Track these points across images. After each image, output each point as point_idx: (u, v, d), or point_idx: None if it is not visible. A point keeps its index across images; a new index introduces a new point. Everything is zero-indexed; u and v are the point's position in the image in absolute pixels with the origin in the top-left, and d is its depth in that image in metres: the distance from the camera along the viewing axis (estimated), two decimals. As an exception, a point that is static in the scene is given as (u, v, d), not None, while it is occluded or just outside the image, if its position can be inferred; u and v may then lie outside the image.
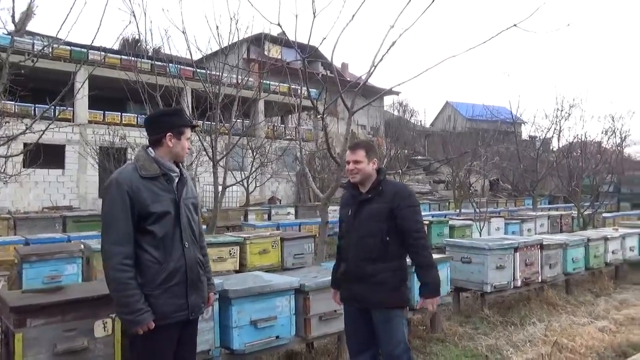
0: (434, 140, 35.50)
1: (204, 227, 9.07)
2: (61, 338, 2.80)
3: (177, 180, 2.62)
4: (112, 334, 2.98)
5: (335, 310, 4.04)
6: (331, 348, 4.41)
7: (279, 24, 5.27)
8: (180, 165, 2.72)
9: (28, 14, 18.67)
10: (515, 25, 5.06)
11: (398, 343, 2.90)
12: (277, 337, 3.74)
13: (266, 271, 5.89)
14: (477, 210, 10.94)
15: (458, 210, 15.50)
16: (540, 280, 6.27)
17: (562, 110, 17.67)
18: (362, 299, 2.96)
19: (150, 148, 2.62)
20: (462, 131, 30.56)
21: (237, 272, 6.58)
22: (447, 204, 19.08)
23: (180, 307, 2.50)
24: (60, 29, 5.40)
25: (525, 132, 27.58)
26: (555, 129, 18.06)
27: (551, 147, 21.61)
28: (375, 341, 3.01)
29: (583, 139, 16.66)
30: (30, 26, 21.04)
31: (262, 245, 6.99)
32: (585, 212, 12.72)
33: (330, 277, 4.08)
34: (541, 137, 20.24)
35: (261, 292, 3.64)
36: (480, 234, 9.64)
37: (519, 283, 5.93)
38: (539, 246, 6.26)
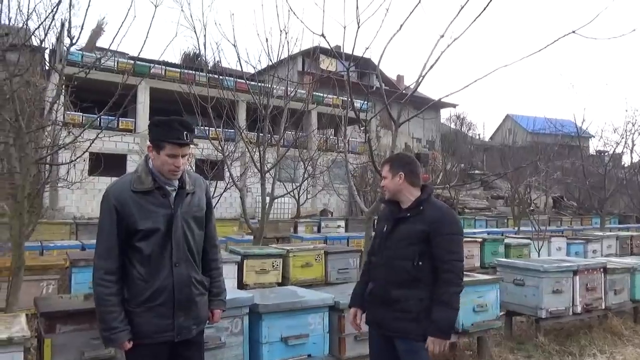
0: (493, 154, 34.27)
1: (251, 237, 9.13)
2: (89, 345, 2.82)
3: (174, 193, 2.47)
4: (139, 344, 2.96)
5: (371, 330, 3.86)
6: (368, 369, 4.20)
7: (322, 35, 5.20)
8: (186, 176, 2.51)
9: (97, 32, 19.90)
10: (574, 32, 4.70)
11: None
12: (309, 355, 3.60)
13: (309, 285, 5.79)
14: (537, 228, 10.32)
15: (516, 228, 14.75)
16: (603, 307, 5.74)
17: (634, 124, 16.52)
18: (384, 326, 2.74)
19: (149, 159, 2.48)
20: (523, 145, 29.32)
21: (279, 284, 6.51)
22: (506, 220, 18.22)
23: (164, 328, 2.38)
24: (112, 41, 5.61)
25: (593, 146, 26.06)
26: (626, 143, 16.88)
27: (622, 163, 20.23)
28: None
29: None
30: (101, 42, 22.40)
31: (305, 259, 6.88)
32: (660, 234, 11.69)
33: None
34: (610, 152, 18.98)
35: (292, 308, 3.52)
36: (538, 254, 9.06)
37: (579, 309, 5.46)
38: (602, 270, 5.75)
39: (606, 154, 20.21)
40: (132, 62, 18.21)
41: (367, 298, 2.88)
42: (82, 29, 5.13)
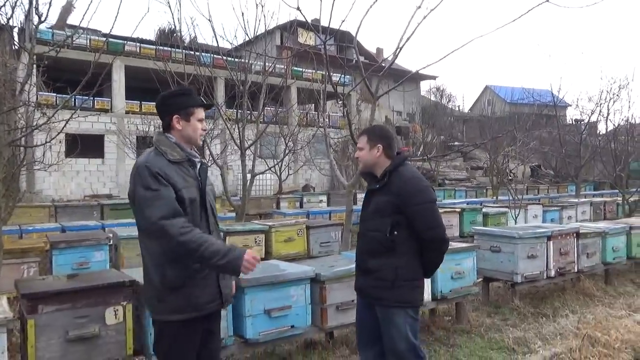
0: (473, 125, 34.60)
1: (233, 215, 9.16)
2: (73, 325, 2.84)
3: (199, 166, 2.51)
4: (123, 321, 3.01)
5: (352, 300, 3.95)
6: (351, 338, 4.33)
7: (298, 8, 5.15)
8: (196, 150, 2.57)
9: (67, 8, 19.26)
10: (547, 0, 4.77)
11: (400, 340, 2.71)
12: (292, 326, 3.68)
13: (292, 259, 5.87)
14: (514, 197, 10.56)
15: (495, 197, 15.05)
16: (576, 270, 5.96)
17: (609, 92, 16.75)
18: (366, 294, 2.84)
19: (166, 133, 2.46)
20: (501, 116, 29.63)
21: (263, 260, 6.58)
22: (485, 191, 18.56)
23: (214, 297, 2.41)
24: (83, 18, 5.46)
25: (569, 116, 26.48)
26: (600, 112, 17.17)
27: (598, 131, 20.62)
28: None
29: (630, 121, 15.75)
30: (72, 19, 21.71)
31: (287, 234, 6.97)
32: (632, 199, 12.07)
33: (350, 266, 4.06)
34: (585, 121, 19.31)
35: (274, 281, 3.59)
36: (515, 221, 9.30)
37: (552, 273, 5.65)
38: (575, 234, 5.94)
39: (582, 122, 20.56)
40: (105, 39, 17.74)
41: (355, 267, 2.98)
42: (50, 5, 4.98)
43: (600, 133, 19.48)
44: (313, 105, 25.13)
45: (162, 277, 2.30)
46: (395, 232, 2.69)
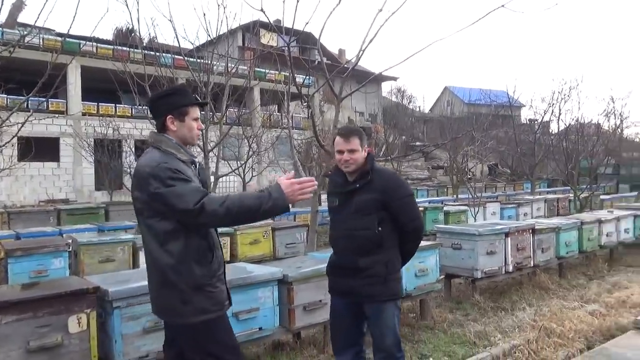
0: (433, 125, 35.37)
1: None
2: (34, 334, 2.76)
3: (198, 165, 2.47)
4: (87, 329, 2.94)
5: (320, 300, 4.01)
6: (318, 337, 4.38)
7: (261, 10, 5.16)
8: None
9: (18, 6, 18.48)
10: (503, 6, 4.96)
11: (389, 334, 2.79)
12: (260, 328, 3.70)
13: (257, 261, 5.86)
14: (473, 195, 10.89)
15: (455, 196, 15.47)
16: (532, 264, 6.23)
17: (560, 92, 17.46)
18: (356, 293, 2.82)
19: (165, 134, 2.36)
20: (460, 116, 30.43)
21: (228, 262, 6.53)
22: (445, 189, 19.03)
23: (226, 296, 2.41)
24: (38, 17, 5.30)
25: (524, 116, 27.48)
26: (552, 111, 17.90)
27: (550, 130, 21.48)
28: (360, 338, 2.90)
29: (580, 121, 16.51)
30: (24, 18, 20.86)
31: (252, 236, 6.96)
32: (582, 195, 12.65)
33: (317, 267, 4.09)
34: (539, 121, 20.09)
35: (242, 283, 3.59)
36: (475, 219, 9.59)
37: (510, 268, 5.89)
38: (530, 230, 6.20)
39: (536, 122, 21.38)
40: (59, 39, 17.14)
41: (331, 269, 2.99)
42: (2, 3, 4.82)
43: (553, 132, 20.32)
44: (276, 106, 25.08)
45: (188, 278, 2.23)
46: (380, 228, 2.77)
